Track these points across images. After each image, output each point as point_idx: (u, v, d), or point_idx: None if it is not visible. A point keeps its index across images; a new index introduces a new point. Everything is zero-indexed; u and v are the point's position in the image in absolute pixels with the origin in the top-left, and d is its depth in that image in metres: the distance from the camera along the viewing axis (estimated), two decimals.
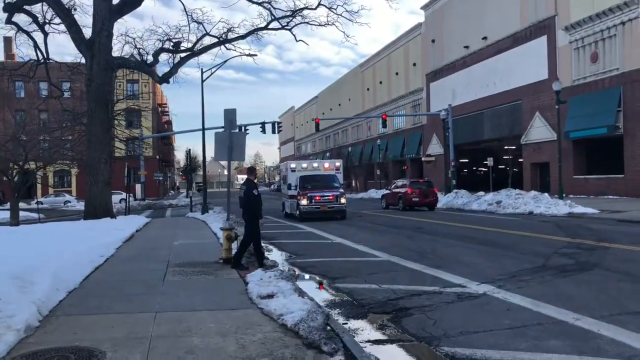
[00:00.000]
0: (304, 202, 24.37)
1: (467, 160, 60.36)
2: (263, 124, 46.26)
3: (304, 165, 28.28)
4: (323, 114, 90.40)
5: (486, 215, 26.36)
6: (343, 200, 24.65)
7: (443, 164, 47.35)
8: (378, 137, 70.19)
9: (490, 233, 18.01)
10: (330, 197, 24.50)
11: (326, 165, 28.23)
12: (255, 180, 12.31)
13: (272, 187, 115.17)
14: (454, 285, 9.50)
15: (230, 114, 12.90)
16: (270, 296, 8.20)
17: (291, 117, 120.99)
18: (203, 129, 32.66)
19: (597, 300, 8.04)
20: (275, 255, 14.28)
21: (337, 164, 28.42)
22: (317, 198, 24.37)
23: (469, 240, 15.91)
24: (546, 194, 28.70)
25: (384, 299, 8.72)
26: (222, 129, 13.22)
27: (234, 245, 12.66)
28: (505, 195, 29.94)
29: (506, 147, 43.97)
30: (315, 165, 28.38)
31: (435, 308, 7.97)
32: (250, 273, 10.11)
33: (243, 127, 44.99)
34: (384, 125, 47.31)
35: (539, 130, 41.20)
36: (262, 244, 12.77)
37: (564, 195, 31.00)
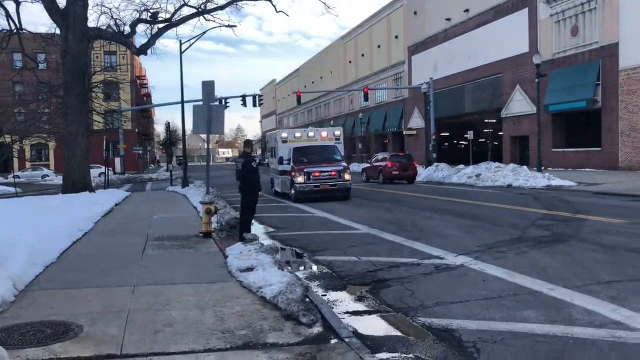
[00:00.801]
0: (300, 179, 20.47)
1: (448, 134, 60.62)
2: (244, 97, 45.84)
3: (298, 134, 23.77)
4: (305, 87, 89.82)
5: (466, 188, 26.58)
6: (347, 177, 20.80)
7: (424, 137, 47.47)
8: (360, 111, 70.07)
9: (468, 205, 18.20)
10: (332, 173, 20.66)
11: (324, 134, 23.77)
12: (253, 154, 12.32)
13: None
14: (432, 257, 9.61)
15: (208, 87, 12.73)
16: (249, 269, 8.21)
17: (272, 90, 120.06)
18: (182, 102, 32.27)
19: (571, 271, 8.19)
20: (255, 228, 14.27)
21: (337, 132, 23.98)
22: (316, 174, 20.53)
23: (448, 213, 16.07)
24: (525, 167, 29.01)
25: (363, 270, 8.79)
26: (201, 102, 13.06)
27: (214, 219, 12.63)
28: (485, 168, 30.20)
29: (486, 121, 44.17)
30: (311, 134, 23.69)
31: (413, 279, 8.06)
32: (230, 246, 10.11)
33: (223, 100, 44.49)
34: (366, 99, 47.25)
35: (519, 104, 41.45)
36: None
37: (542, 168, 31.39)
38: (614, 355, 4.96)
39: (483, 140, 48.89)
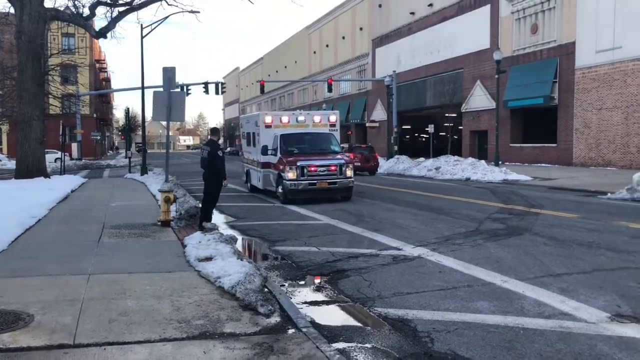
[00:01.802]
0: (291, 174, 17.12)
1: (409, 127, 61.29)
2: (206, 84, 45.26)
3: (285, 118, 19.76)
4: (269, 75, 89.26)
5: (425, 181, 26.97)
6: (349, 173, 17.56)
7: (386, 130, 47.91)
8: (324, 102, 70.11)
9: (428, 198, 18.48)
10: (331, 168, 17.34)
11: (317, 119, 19.82)
12: (220, 142, 12.30)
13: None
14: (390, 248, 9.73)
15: (169, 72, 12.52)
16: (208, 259, 8.17)
17: (236, 78, 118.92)
18: (142, 88, 31.65)
19: (524, 264, 8.43)
20: (215, 218, 14.17)
21: (333, 117, 20.01)
22: (312, 169, 17.20)
23: (407, 205, 16.30)
24: (483, 161, 29.60)
25: (322, 261, 8.86)
26: (162, 89, 12.85)
27: (173, 208, 12.48)
28: (444, 162, 30.68)
29: (447, 115, 44.88)
30: (302, 119, 19.70)
31: (371, 270, 8.16)
32: (189, 236, 10.01)
33: (185, 87, 43.84)
34: (330, 90, 47.25)
35: (479, 99, 42.19)
36: (199, 206, 12.67)
37: (500, 162, 32.06)
38: (561, 345, 5.14)
39: (443, 134, 49.72)
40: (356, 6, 63.10)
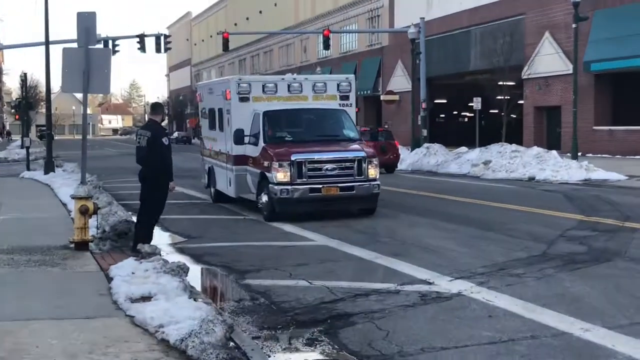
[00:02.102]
0: (281, 174, 16.28)
1: (444, 101, 61.36)
2: (142, 38, 45.12)
3: (270, 86, 18.95)
4: (235, 25, 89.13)
5: (469, 182, 27.06)
6: (373, 172, 16.83)
7: (410, 105, 47.88)
8: (318, 64, 70.13)
9: (471, 207, 18.48)
10: (345, 164, 16.61)
11: (319, 86, 19.16)
12: (164, 124, 12.43)
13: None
14: (416, 282, 9.76)
15: (86, 20, 12.49)
16: (146, 298, 8.17)
17: (186, 29, 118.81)
18: (47, 43, 31.56)
19: (614, 304, 8.45)
20: (157, 237, 14.15)
21: (345, 84, 19.37)
22: (315, 166, 16.59)
23: (441, 217, 16.33)
24: (554, 152, 29.64)
25: (315, 301, 8.86)
26: (75, 44, 12.83)
27: (93, 222, 12.46)
28: (497, 153, 30.76)
29: (501, 84, 44.87)
30: (297, 86, 19.05)
31: (388, 314, 8.16)
32: (117, 264, 10.01)
33: (110, 42, 43.71)
34: (327, 46, 47.16)
35: (548, 60, 42.25)
36: (134, 221, 12.68)
37: (579, 153, 32.12)
38: None
39: (495, 111, 49.74)
40: None
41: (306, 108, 18.61)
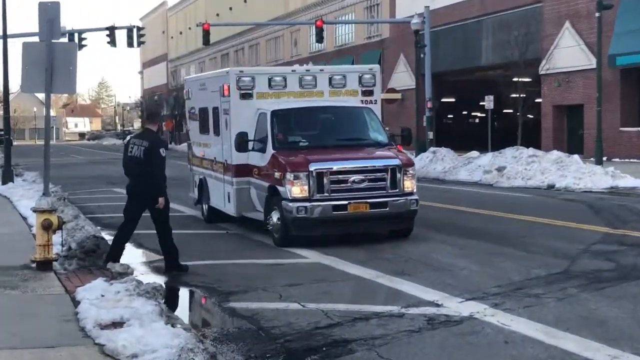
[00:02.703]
0: (298, 188, 15.36)
1: (453, 100, 61.46)
2: (112, 31, 45.09)
3: (278, 79, 18.23)
4: (217, 15, 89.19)
5: (480, 190, 27.11)
6: (409, 184, 15.99)
7: (414, 105, 47.89)
8: (310, 59, 70.10)
9: (484, 219, 18.53)
10: (375, 175, 15.73)
11: (338, 79, 18.48)
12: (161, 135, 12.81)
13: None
14: (423, 304, 9.75)
15: (49, 11, 12.47)
16: (117, 324, 8.13)
17: (162, 20, 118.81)
18: (5, 37, 31.52)
19: None
20: (130, 253, 14.13)
21: (368, 77, 18.74)
22: (339, 177, 15.67)
23: (450, 231, 16.36)
24: (576, 157, 29.65)
25: (309, 326, 8.83)
26: (37, 38, 12.82)
27: (57, 239, 12.40)
28: (512, 158, 30.73)
29: (516, 80, 44.97)
30: (310, 79, 18.38)
31: (391, 340, 8.13)
32: (85, 285, 9.95)
33: (76, 36, 43.67)
34: (320, 39, 47.20)
35: (569, 53, 42.28)
36: (104, 237, 12.67)
37: (604, 158, 32.12)
38: None
39: (509, 111, 49.81)
40: None
41: (323, 106, 17.91)
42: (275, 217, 15.57)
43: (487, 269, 12.00)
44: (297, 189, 15.19)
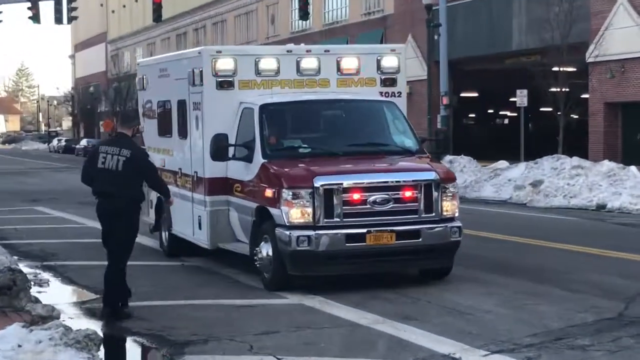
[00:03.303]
0: (296, 212, 14.52)
1: (475, 94, 61.55)
2: (34, 3, 44.99)
3: (269, 63, 17.52)
4: None
5: (511, 211, 27.27)
6: (449, 205, 15.25)
7: (426, 100, 47.96)
8: (291, 40, 70.22)
9: (515, 248, 18.64)
10: (404, 193, 14.98)
11: (349, 63, 17.83)
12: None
13: (57, 143, 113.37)
14: (436, 357, 9.78)
15: None
16: None
17: None
18: None
19: None
20: (56, 291, 14.15)
21: (391, 60, 18.13)
22: (355, 195, 14.81)
23: (472, 263, 16.36)
24: (634, 169, 29.76)
25: None
26: None
27: None
28: (552, 170, 30.81)
29: (556, 69, 45.10)
30: (311, 64, 17.67)
31: None
32: None
33: None
34: (304, 15, 47.23)
35: (625, 35, 42.44)
36: (22, 269, 12.63)
37: None
38: None
39: (548, 109, 49.88)
40: None
41: (330, 100, 17.38)
42: (265, 250, 14.74)
43: (519, 313, 11.97)
44: (296, 212, 14.32)
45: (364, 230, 14.27)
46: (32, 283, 13.66)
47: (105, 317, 12.40)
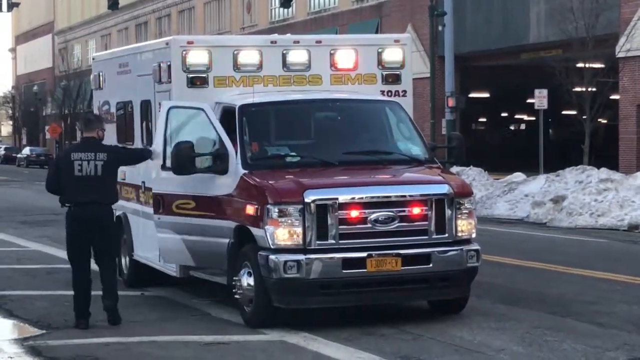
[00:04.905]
0: (283, 233, 14.26)
1: (486, 95, 61.74)
2: None
3: (251, 56, 17.34)
4: None
5: (528, 232, 27.40)
6: (465, 225, 15.14)
7: (429, 102, 48.13)
8: (271, 30, 70.46)
9: (534, 274, 18.69)
10: (410, 210, 14.78)
11: (344, 56, 17.71)
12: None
13: None
14: None
15: None
16: None
17: None
18: None
19: None
20: None
21: (395, 53, 17.93)
22: (353, 212, 14.61)
23: (484, 293, 16.36)
24: None
25: None
26: None
27: None
28: (576, 184, 30.88)
29: (581, 65, 45.24)
30: (300, 58, 17.56)
31: None
32: None
33: None
34: (287, 2, 47.44)
35: None
36: None
37: None
38: None
39: (571, 113, 50.05)
40: None
41: (322, 99, 17.12)
42: (245, 279, 14.38)
43: (538, 352, 11.95)
44: (283, 233, 13.93)
45: (364, 254, 13.96)
46: None
47: (82, 328, 13.72)
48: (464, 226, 14.57)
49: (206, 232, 15.47)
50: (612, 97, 45.87)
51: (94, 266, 14.31)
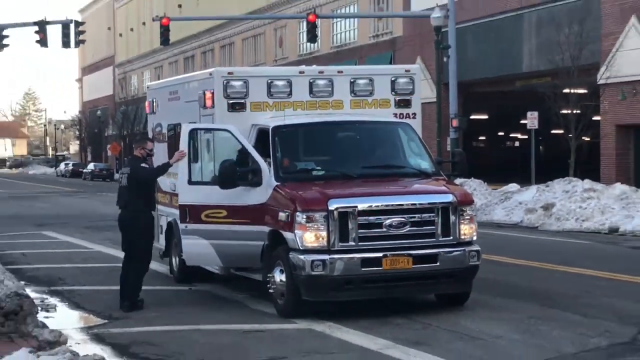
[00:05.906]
0: (311, 236, 14.37)
1: (485, 117, 61.53)
2: (42, 26, 45.07)
3: (278, 85, 17.38)
4: (180, 7, 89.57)
5: (522, 235, 27.25)
6: (467, 229, 15.23)
7: (435, 123, 47.98)
8: (299, 62, 70.32)
9: (527, 272, 18.62)
10: (421, 216, 14.91)
11: (362, 84, 17.79)
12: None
13: (64, 167, 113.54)
14: None
15: None
16: None
17: (107, 14, 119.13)
18: None
19: None
20: (63, 316, 14.11)
21: (404, 80, 18.02)
22: (370, 218, 14.82)
23: (484, 288, 16.21)
24: None
25: None
26: None
27: None
28: (563, 193, 30.73)
29: (567, 91, 45.04)
30: (323, 85, 17.61)
31: None
32: (3, 359, 9.88)
33: None
34: (313, 37, 47.31)
35: (637, 56, 42.35)
36: (30, 294, 12.66)
37: None
38: None
39: (559, 132, 49.85)
40: None
41: (343, 121, 17.26)
42: (278, 276, 14.54)
43: (531, 338, 11.95)
44: (311, 236, 14.12)
45: (380, 255, 14.14)
46: (39, 308, 13.60)
47: (125, 309, 14.59)
48: (466, 230, 14.81)
49: (240, 237, 15.52)
50: (594, 118, 45.60)
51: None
